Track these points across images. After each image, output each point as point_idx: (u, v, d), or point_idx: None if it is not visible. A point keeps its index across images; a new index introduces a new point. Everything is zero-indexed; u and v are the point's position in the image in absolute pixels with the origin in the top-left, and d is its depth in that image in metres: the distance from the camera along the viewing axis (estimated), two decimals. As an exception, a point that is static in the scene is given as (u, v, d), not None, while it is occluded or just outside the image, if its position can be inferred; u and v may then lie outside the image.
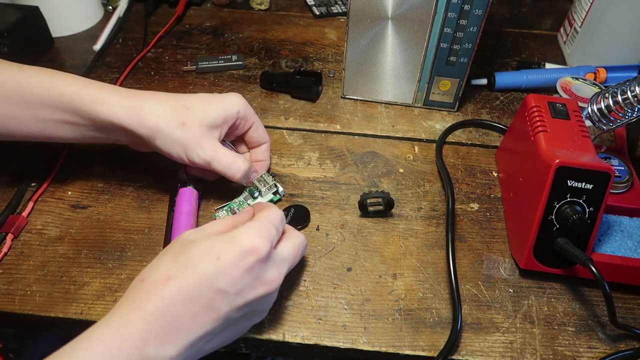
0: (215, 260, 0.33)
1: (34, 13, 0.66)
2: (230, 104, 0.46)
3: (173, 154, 0.44)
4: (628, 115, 0.44)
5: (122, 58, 0.68)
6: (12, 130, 0.44)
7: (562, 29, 0.74)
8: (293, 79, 0.61)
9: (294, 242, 0.39)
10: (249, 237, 0.34)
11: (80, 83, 0.43)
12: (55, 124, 0.43)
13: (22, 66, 0.44)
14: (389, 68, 0.59)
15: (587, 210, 0.40)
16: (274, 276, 0.35)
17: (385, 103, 0.63)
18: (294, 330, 0.40)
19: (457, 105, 0.61)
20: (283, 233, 0.39)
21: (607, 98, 0.45)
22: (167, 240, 0.45)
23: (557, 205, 0.40)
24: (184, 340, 0.32)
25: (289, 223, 0.47)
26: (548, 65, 0.69)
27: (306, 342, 0.40)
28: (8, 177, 0.51)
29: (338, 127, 0.59)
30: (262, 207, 0.40)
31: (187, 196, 0.47)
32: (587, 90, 0.57)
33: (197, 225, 0.46)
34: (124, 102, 0.42)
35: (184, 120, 0.43)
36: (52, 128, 0.44)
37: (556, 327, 0.41)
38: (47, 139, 0.45)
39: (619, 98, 0.44)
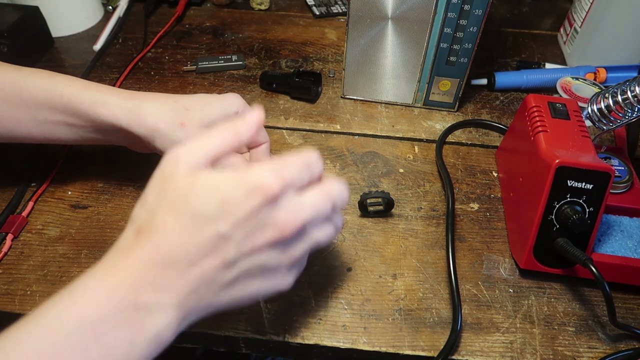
0: (220, 202, 0.29)
1: (34, 13, 0.66)
2: (228, 104, 0.46)
3: None
4: (628, 115, 0.44)
5: (122, 58, 0.68)
6: (12, 131, 0.44)
7: (562, 29, 0.74)
8: (292, 80, 0.61)
9: (323, 189, 0.32)
10: (258, 174, 0.30)
11: (79, 84, 0.43)
12: (55, 125, 0.44)
13: (20, 68, 0.44)
14: (389, 68, 0.59)
15: (587, 210, 0.40)
16: (286, 219, 0.30)
17: (385, 103, 0.63)
18: (294, 330, 0.40)
19: (457, 105, 0.61)
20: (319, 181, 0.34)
21: (607, 98, 0.45)
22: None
23: (557, 205, 0.40)
24: (185, 286, 0.29)
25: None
26: (548, 65, 0.69)
27: (306, 342, 0.40)
28: (8, 177, 0.51)
29: (338, 127, 0.59)
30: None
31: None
32: (587, 90, 0.57)
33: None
34: (123, 103, 0.42)
35: (183, 121, 0.43)
36: (51, 129, 0.44)
37: (556, 327, 0.41)
38: (47, 141, 0.45)
39: (619, 98, 0.44)
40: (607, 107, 0.45)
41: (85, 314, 0.27)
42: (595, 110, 0.46)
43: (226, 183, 0.30)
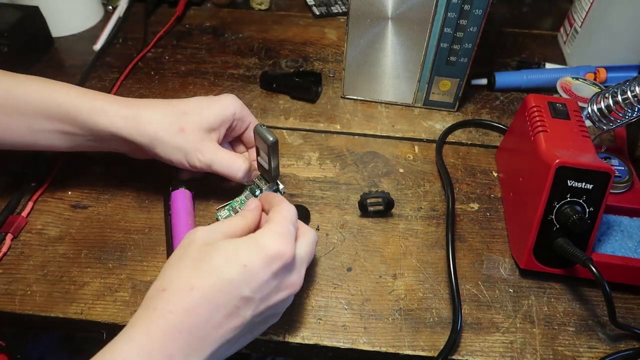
0: (242, 267, 0.33)
1: (34, 13, 0.66)
2: (226, 106, 0.45)
3: (174, 160, 0.44)
4: (628, 115, 0.44)
5: (122, 58, 0.68)
6: (3, 139, 0.43)
7: (562, 29, 0.74)
8: (292, 80, 0.61)
9: (307, 240, 0.38)
10: (273, 242, 0.34)
11: (76, 92, 0.42)
12: (52, 134, 0.43)
13: (15, 75, 0.43)
14: (389, 68, 0.59)
15: (587, 210, 0.40)
16: (296, 279, 0.36)
17: (385, 103, 0.63)
18: (294, 330, 0.40)
19: (457, 105, 0.61)
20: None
21: (607, 98, 0.45)
22: (170, 245, 0.45)
23: (557, 205, 0.40)
24: (208, 350, 0.32)
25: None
26: (548, 65, 0.69)
27: (306, 342, 0.40)
28: (8, 177, 0.51)
29: (338, 127, 0.59)
30: (271, 201, 0.39)
31: (182, 198, 0.47)
32: (587, 90, 0.57)
33: (195, 226, 0.46)
34: (122, 111, 0.42)
35: (182, 126, 0.43)
36: (47, 138, 0.43)
37: (556, 327, 0.41)
38: (40, 148, 0.45)
39: (619, 98, 0.44)
40: (607, 107, 0.45)
41: None
42: (595, 110, 0.46)
43: (245, 249, 0.33)
